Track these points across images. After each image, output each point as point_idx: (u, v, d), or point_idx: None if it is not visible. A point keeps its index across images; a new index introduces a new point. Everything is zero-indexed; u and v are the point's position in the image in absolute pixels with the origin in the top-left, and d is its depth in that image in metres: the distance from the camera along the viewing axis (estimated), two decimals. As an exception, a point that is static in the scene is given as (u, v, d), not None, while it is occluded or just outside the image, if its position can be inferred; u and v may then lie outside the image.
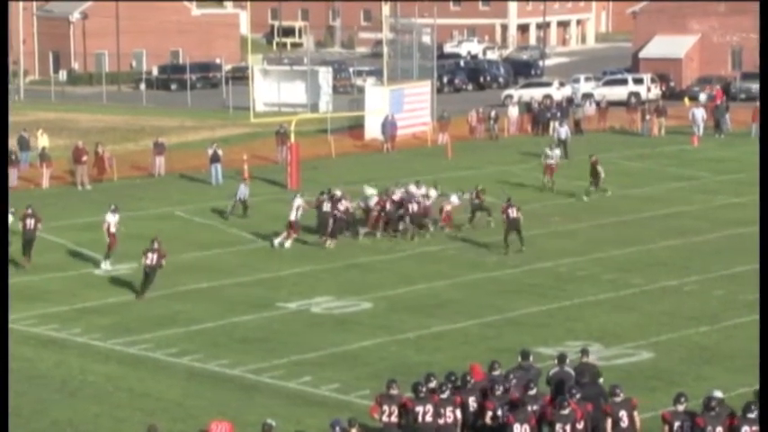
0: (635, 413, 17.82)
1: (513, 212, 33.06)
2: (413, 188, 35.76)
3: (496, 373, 18.82)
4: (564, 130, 50.24)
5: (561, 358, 19.38)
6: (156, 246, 29.07)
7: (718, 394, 17.78)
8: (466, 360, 20.65)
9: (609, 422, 17.69)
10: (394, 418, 18.05)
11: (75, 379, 23.22)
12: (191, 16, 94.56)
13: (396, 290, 29.50)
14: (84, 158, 44.74)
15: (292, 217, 34.01)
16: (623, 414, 17.70)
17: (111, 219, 31.84)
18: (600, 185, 40.16)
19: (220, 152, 45.20)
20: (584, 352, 19.71)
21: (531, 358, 19.62)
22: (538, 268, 31.30)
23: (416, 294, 29.13)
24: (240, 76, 76.11)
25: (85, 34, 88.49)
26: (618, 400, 17.84)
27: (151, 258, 28.85)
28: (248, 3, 54.09)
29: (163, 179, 46.41)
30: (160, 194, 42.55)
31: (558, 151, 43.43)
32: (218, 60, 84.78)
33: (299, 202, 34.18)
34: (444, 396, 18.01)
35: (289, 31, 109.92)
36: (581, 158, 48.45)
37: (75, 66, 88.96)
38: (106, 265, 31.56)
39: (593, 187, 40.20)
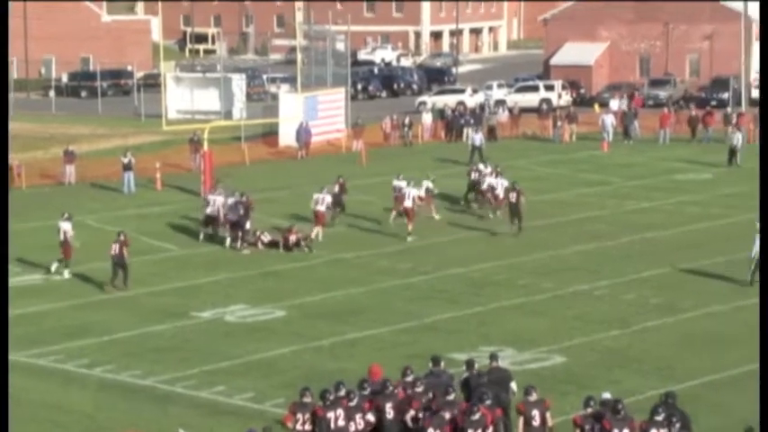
0: (548, 414, 18.04)
1: (512, 197, 34.81)
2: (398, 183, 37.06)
3: (409, 378, 18.88)
4: (478, 137, 50.61)
5: (470, 363, 19.54)
6: (122, 237, 29.87)
7: (607, 396, 18.13)
8: (381, 367, 20.66)
9: (521, 421, 17.89)
10: (307, 427, 18.02)
11: (-16, 392, 22.83)
12: (101, 22, 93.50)
13: (310, 297, 29.47)
14: (-8, 167, 43.98)
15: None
16: (536, 413, 17.92)
17: (66, 226, 31.45)
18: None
19: (133, 160, 44.80)
20: (494, 357, 19.88)
21: (443, 364, 19.72)
22: (451, 274, 31.46)
23: (331, 301, 29.12)
24: (152, 84, 75.41)
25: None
26: (531, 399, 18.04)
27: (114, 249, 29.53)
28: (160, 9, 53.66)
29: (73, 187, 45.81)
30: (71, 203, 41.84)
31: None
32: (129, 67, 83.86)
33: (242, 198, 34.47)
34: (353, 404, 18.05)
35: (201, 38, 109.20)
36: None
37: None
38: (65, 274, 31.30)
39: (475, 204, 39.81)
